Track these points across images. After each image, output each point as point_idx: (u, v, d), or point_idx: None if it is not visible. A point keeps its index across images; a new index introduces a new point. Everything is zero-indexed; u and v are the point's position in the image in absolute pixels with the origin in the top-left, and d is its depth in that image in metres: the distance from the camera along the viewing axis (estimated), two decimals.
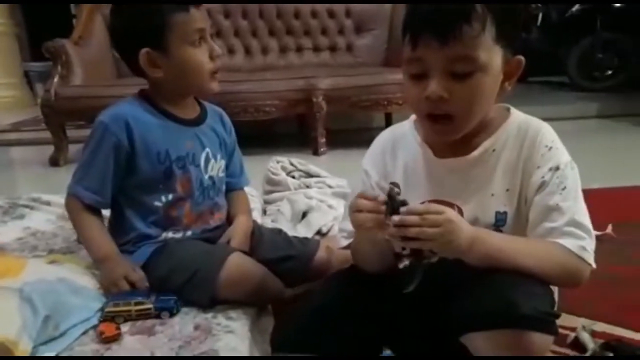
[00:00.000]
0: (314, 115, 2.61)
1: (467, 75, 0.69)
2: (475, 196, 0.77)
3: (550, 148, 0.75)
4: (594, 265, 0.72)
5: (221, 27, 3.00)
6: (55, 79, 2.55)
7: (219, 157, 1.09)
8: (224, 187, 1.13)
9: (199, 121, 1.07)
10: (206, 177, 1.05)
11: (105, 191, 0.99)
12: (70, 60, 2.60)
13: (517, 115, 0.80)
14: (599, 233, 1.34)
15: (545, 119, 0.79)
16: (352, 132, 3.07)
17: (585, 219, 0.73)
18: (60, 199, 1.52)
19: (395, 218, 0.66)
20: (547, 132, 0.77)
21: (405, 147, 0.84)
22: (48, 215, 1.39)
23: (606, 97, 3.81)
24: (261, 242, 1.11)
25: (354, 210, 0.71)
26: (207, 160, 1.06)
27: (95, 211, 1.02)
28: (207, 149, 1.06)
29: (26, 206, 1.47)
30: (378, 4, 3.00)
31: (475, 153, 0.77)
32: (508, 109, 0.80)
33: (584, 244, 0.72)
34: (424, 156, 0.81)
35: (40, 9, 5.04)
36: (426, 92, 0.70)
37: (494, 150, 0.77)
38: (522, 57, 0.74)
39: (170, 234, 1.03)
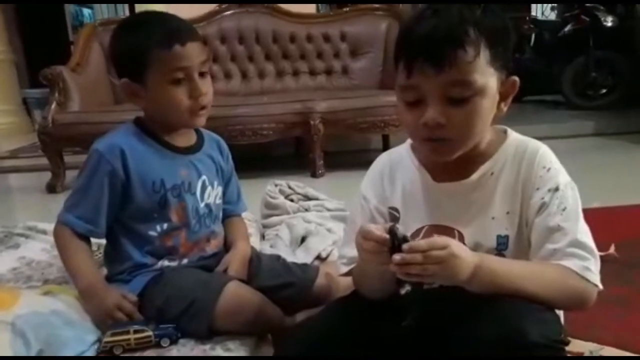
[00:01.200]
0: (311, 138, 2.62)
1: (464, 100, 0.69)
2: (475, 220, 0.76)
3: (549, 169, 0.75)
4: (600, 286, 0.71)
5: (217, 53, 3.03)
6: (53, 106, 2.55)
7: (215, 184, 1.08)
8: (220, 214, 1.12)
9: (194, 149, 1.06)
10: (202, 205, 1.04)
11: (100, 220, 0.98)
12: (68, 87, 2.61)
13: (514, 137, 0.79)
14: (601, 254, 1.34)
15: (541, 138, 0.79)
16: (350, 154, 3.08)
17: (587, 239, 0.73)
18: None
19: (397, 257, 0.64)
20: (545, 153, 0.77)
21: (403, 171, 0.83)
22: (43, 244, 1.37)
23: (602, 115, 3.83)
24: (260, 269, 1.09)
25: (359, 249, 0.70)
26: (203, 188, 1.05)
27: (85, 240, 1.00)
28: (204, 177, 1.05)
29: (21, 235, 1.45)
30: (372, 28, 3.03)
31: (474, 177, 0.77)
32: (505, 131, 0.80)
33: (588, 265, 0.71)
34: (422, 180, 0.80)
35: (38, 36, 5.09)
36: (424, 119, 0.70)
37: (492, 173, 0.77)
38: (516, 78, 0.74)
39: (166, 263, 1.01)
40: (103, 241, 1.06)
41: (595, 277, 0.71)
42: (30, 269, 1.24)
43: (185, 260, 1.03)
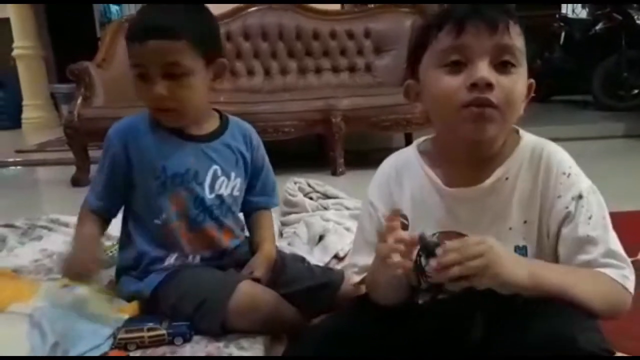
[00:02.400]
0: (332, 136, 2.60)
1: (510, 67, 0.68)
2: (491, 229, 0.72)
3: (569, 175, 0.72)
4: (632, 294, 0.69)
5: (241, 49, 3.04)
6: (79, 101, 2.60)
7: (233, 175, 1.03)
8: (238, 207, 1.08)
9: (210, 137, 1.02)
10: (212, 195, 1.00)
11: (109, 198, 1.02)
12: (93, 83, 2.64)
13: (529, 139, 0.76)
14: (630, 259, 1.30)
15: (570, 139, 0.77)
16: (372, 152, 3.04)
17: (619, 247, 0.71)
18: None
19: (433, 264, 0.62)
20: (564, 157, 0.74)
21: (411, 175, 0.79)
22: (65, 237, 1.39)
23: (632, 116, 3.71)
24: (284, 271, 1.06)
25: (379, 255, 0.68)
26: (214, 178, 1.01)
27: (98, 216, 1.03)
28: (216, 166, 1.01)
29: (44, 227, 1.48)
30: (397, 25, 2.99)
31: (488, 181, 0.73)
32: (517, 131, 0.77)
33: (626, 273, 0.69)
34: (433, 186, 0.76)
35: (67, 32, 5.20)
36: (473, 79, 0.66)
37: (507, 178, 0.73)
38: (533, 81, 0.74)
39: (174, 258, 0.99)
40: (116, 234, 1.08)
41: (632, 285, 0.69)
42: (52, 262, 1.27)
43: (197, 257, 1.01)
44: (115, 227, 1.48)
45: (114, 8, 5.92)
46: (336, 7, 3.17)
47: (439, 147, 0.79)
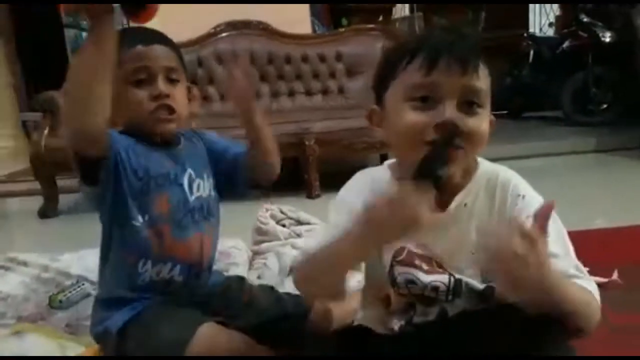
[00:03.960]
0: (307, 159, 2.59)
1: (476, 108, 0.69)
2: (455, 254, 0.73)
3: (524, 196, 0.73)
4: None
5: (213, 75, 3.02)
6: (45, 131, 2.54)
7: (205, 175, 1.03)
8: (216, 211, 1.06)
9: (173, 144, 1.02)
10: (193, 198, 0.99)
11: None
12: (60, 112, 2.59)
13: (485, 165, 0.77)
14: (604, 280, 1.28)
15: (542, 155, 0.77)
16: (348, 174, 3.01)
17: (580, 263, 0.71)
18: (38, 257, 1.48)
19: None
20: (518, 181, 0.75)
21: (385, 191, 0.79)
22: (22, 277, 1.35)
23: (602, 131, 3.80)
24: (252, 301, 1.04)
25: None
26: (190, 181, 1.00)
27: None
28: (189, 170, 1.00)
29: (1, 267, 1.42)
30: (368, 48, 3.03)
31: (451, 208, 0.73)
32: (474, 159, 0.77)
33: (594, 286, 0.70)
34: None
35: (38, 59, 5.12)
36: (441, 119, 0.67)
37: (465, 204, 0.74)
38: (494, 118, 0.74)
39: (149, 265, 0.96)
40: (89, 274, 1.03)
41: (598, 299, 0.69)
42: (6, 305, 1.20)
43: (177, 268, 0.97)
44: (74, 265, 1.45)
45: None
46: (307, 31, 3.20)
47: (402, 172, 0.78)
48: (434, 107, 0.68)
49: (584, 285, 0.69)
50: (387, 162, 0.82)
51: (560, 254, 0.69)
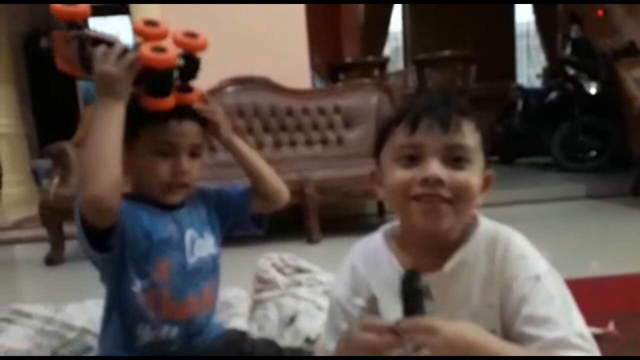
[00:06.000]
0: (307, 206, 2.68)
1: (463, 163, 0.71)
2: (455, 315, 0.70)
3: (525, 256, 0.73)
4: None
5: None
6: (55, 180, 2.63)
7: (206, 234, 1.05)
8: (218, 264, 1.08)
9: (179, 205, 1.03)
10: (192, 260, 1.01)
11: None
12: (70, 162, 2.68)
13: (485, 224, 0.78)
14: (600, 331, 1.24)
15: (533, 201, 0.80)
16: (347, 219, 3.12)
17: (585, 329, 0.69)
18: (42, 309, 1.45)
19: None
20: (519, 241, 0.75)
21: (379, 261, 0.81)
22: (26, 330, 1.32)
23: (593, 177, 3.88)
24: (252, 356, 1.06)
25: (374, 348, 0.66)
26: (192, 242, 1.02)
27: None
28: (190, 231, 1.02)
29: (5, 319, 1.38)
30: (364, 101, 3.17)
31: (447, 268, 0.74)
32: (474, 217, 0.78)
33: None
34: (396, 273, 0.75)
35: (50, 109, 5.28)
36: (424, 174, 0.70)
37: (465, 263, 0.74)
38: (491, 172, 0.77)
39: (147, 330, 0.98)
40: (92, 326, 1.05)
41: None
42: None
43: (174, 330, 0.99)
44: (78, 316, 1.42)
45: None
46: (307, 85, 3.35)
47: (402, 232, 0.81)
48: (419, 165, 0.71)
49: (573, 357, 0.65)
50: (383, 228, 0.84)
51: (560, 317, 0.67)
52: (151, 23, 0.95)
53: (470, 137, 0.72)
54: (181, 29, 0.97)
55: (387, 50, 7.03)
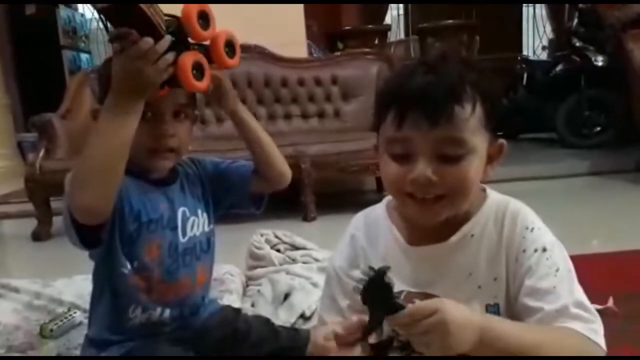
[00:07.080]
0: (302, 181, 2.59)
1: (457, 158, 0.67)
2: (459, 288, 0.72)
3: (533, 229, 0.72)
4: (605, 350, 0.67)
5: None
6: (41, 153, 2.54)
7: (199, 211, 1.00)
8: (212, 242, 1.03)
9: (171, 180, 0.98)
10: (184, 239, 0.97)
11: None
12: (56, 134, 2.60)
13: (494, 197, 0.77)
14: (599, 307, 1.23)
15: (537, 178, 0.77)
16: (343, 196, 3.04)
17: (587, 300, 0.69)
18: (30, 283, 1.46)
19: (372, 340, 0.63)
20: (527, 213, 0.74)
21: (381, 233, 0.80)
22: (15, 304, 1.33)
23: (597, 153, 3.83)
24: (248, 336, 1.03)
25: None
26: (184, 220, 0.97)
27: None
28: (182, 208, 0.98)
29: None
30: (363, 72, 3.05)
31: (454, 239, 0.73)
32: (484, 190, 0.77)
33: (595, 327, 0.67)
34: (398, 244, 0.77)
35: (36, 81, 5.15)
36: (413, 175, 0.67)
37: (472, 235, 0.73)
38: (504, 141, 0.73)
39: (139, 311, 0.94)
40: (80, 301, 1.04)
41: (602, 341, 0.67)
42: None
43: (167, 312, 0.96)
44: (66, 291, 1.43)
45: (84, 56, 5.91)
46: (303, 55, 3.23)
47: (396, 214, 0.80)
48: (409, 162, 0.68)
49: (576, 331, 0.65)
50: (386, 199, 0.83)
51: (564, 288, 0.68)
52: (203, 17, 0.86)
53: (465, 123, 0.66)
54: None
55: (388, 19, 6.85)
